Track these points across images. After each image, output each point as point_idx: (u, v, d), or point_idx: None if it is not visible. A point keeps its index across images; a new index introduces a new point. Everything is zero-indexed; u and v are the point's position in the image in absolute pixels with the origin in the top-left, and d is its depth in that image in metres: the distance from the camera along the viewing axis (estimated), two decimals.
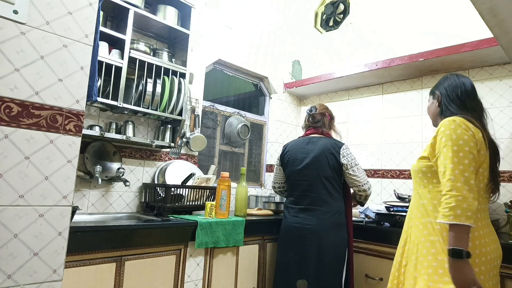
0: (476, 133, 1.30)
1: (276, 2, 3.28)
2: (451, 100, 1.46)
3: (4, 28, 0.96)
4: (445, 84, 1.52)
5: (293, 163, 2.06)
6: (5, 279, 0.92)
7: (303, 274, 1.90)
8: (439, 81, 1.58)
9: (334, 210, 1.94)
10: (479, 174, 1.30)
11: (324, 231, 1.90)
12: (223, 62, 2.82)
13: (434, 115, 1.55)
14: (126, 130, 2.03)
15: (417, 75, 2.66)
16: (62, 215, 1.04)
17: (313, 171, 1.98)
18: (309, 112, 2.16)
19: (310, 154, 2.01)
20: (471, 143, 1.26)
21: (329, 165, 1.96)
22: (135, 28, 2.16)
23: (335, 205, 1.95)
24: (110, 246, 1.50)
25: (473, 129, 1.30)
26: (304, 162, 2.01)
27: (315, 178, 1.97)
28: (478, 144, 1.28)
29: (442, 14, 2.40)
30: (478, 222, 1.30)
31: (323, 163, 1.97)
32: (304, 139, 2.11)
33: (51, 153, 1.02)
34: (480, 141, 1.29)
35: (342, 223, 1.96)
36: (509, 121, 2.22)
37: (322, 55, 3.20)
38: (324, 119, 2.13)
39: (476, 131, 1.30)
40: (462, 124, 1.30)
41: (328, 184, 1.96)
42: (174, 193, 2.05)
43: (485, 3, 1.28)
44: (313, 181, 1.97)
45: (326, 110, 2.17)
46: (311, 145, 2.04)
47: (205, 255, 1.88)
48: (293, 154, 2.08)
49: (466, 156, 1.25)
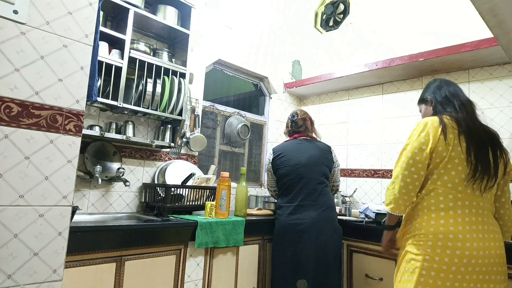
0: (433, 133, 1.37)
1: (276, 2, 3.28)
2: (444, 101, 1.53)
3: (4, 28, 0.96)
4: (432, 88, 1.62)
5: (288, 163, 2.12)
6: (5, 279, 0.92)
7: (302, 273, 1.90)
8: (425, 89, 1.68)
9: (327, 204, 2.05)
10: (449, 169, 1.35)
11: (321, 225, 1.98)
12: (223, 62, 2.82)
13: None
14: (126, 130, 2.03)
15: (417, 75, 2.66)
16: (62, 215, 1.04)
17: (309, 168, 2.07)
18: (291, 118, 2.27)
19: (305, 154, 2.11)
20: (414, 144, 1.39)
21: (324, 163, 2.11)
22: (135, 28, 2.16)
23: (328, 200, 2.07)
24: (110, 246, 1.50)
25: (432, 129, 1.37)
26: (299, 161, 2.09)
27: (312, 175, 2.07)
28: (430, 143, 1.36)
29: (442, 14, 2.40)
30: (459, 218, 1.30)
31: (319, 161, 2.10)
32: (294, 141, 2.21)
33: (51, 153, 1.02)
34: (436, 139, 1.36)
35: (335, 217, 2.09)
36: (509, 121, 2.22)
37: (322, 55, 3.20)
38: (307, 124, 2.26)
39: (435, 130, 1.37)
40: (421, 125, 1.41)
41: (323, 180, 2.09)
42: (174, 193, 2.05)
43: (485, 3, 1.27)
44: (309, 178, 2.06)
45: (306, 115, 2.30)
46: (304, 146, 2.15)
47: (205, 255, 1.88)
48: (287, 155, 2.14)
49: (406, 155, 1.40)
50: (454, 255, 1.26)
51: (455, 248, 1.27)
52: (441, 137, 1.35)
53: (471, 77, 2.42)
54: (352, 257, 2.23)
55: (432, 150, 1.36)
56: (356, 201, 2.85)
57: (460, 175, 1.34)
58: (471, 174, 1.34)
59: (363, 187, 2.87)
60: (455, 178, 1.34)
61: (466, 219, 1.31)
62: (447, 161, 1.34)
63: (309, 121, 2.27)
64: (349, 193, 2.79)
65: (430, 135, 1.36)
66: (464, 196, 1.33)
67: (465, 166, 1.34)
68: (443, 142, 1.35)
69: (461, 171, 1.34)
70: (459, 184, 1.34)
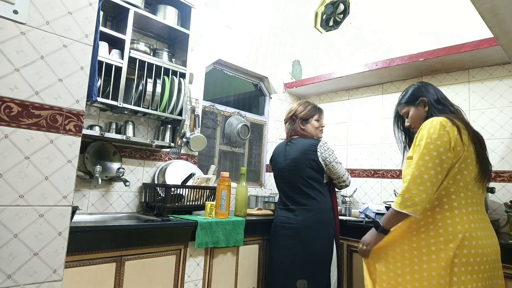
0: (451, 131, 1.35)
1: (276, 2, 3.28)
2: (438, 103, 1.52)
3: (4, 28, 0.96)
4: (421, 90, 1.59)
5: (275, 166, 2.13)
6: (5, 279, 0.92)
7: (291, 274, 1.90)
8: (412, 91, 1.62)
9: (317, 208, 1.94)
10: (463, 169, 1.35)
11: (307, 229, 1.91)
12: (223, 62, 2.82)
13: (420, 120, 1.55)
14: (126, 130, 2.03)
15: (417, 75, 2.66)
16: (62, 215, 1.04)
17: (292, 172, 2.01)
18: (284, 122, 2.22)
19: (289, 157, 2.04)
20: (438, 142, 1.34)
21: (307, 165, 1.96)
22: (135, 28, 2.16)
23: (319, 203, 1.95)
24: (110, 246, 1.50)
25: (449, 128, 1.36)
26: (284, 165, 2.06)
27: (295, 179, 1.99)
28: (452, 141, 1.34)
29: (442, 14, 2.40)
30: (470, 215, 1.33)
31: (301, 164, 1.98)
32: (284, 143, 2.16)
33: (51, 153, 1.02)
34: (454, 138, 1.34)
35: (327, 221, 1.96)
36: (509, 121, 2.22)
37: (322, 55, 3.20)
38: (295, 124, 2.10)
39: (452, 129, 1.36)
40: (438, 124, 1.37)
41: (309, 183, 1.97)
42: (174, 193, 2.05)
43: (485, 3, 1.28)
44: (295, 183, 1.99)
45: (292, 112, 2.13)
46: (289, 148, 2.07)
47: (205, 255, 1.88)
48: (276, 158, 2.14)
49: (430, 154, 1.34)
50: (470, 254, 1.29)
51: (471, 247, 1.29)
52: (458, 137, 1.35)
53: (471, 77, 2.42)
54: (352, 257, 2.23)
55: (453, 150, 1.35)
56: (356, 201, 2.85)
57: (471, 174, 1.36)
58: (480, 174, 1.37)
59: (363, 187, 2.87)
60: (467, 177, 1.36)
61: (476, 217, 1.35)
62: (461, 161, 1.35)
63: (295, 118, 2.10)
64: (349, 193, 2.79)
65: (450, 134, 1.35)
66: (472, 194, 1.37)
67: (475, 165, 1.37)
68: (461, 142, 1.35)
69: (471, 171, 1.36)
70: (469, 183, 1.36)
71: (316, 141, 2.02)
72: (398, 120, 1.75)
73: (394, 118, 1.76)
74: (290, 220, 1.97)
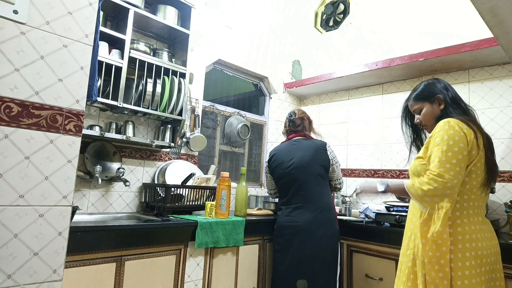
0: (468, 134, 1.33)
1: (276, 2, 3.28)
2: (454, 102, 1.49)
3: (4, 28, 0.96)
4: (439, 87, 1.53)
5: (280, 166, 2.12)
6: (5, 279, 0.92)
7: (300, 273, 1.91)
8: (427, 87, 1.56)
9: (323, 205, 2.01)
10: (472, 172, 1.33)
11: (316, 226, 1.96)
12: (223, 62, 2.82)
13: (433, 118, 1.52)
14: (126, 130, 2.03)
15: (417, 75, 2.66)
16: (62, 215, 1.04)
17: (302, 169, 2.04)
18: (289, 117, 2.25)
19: (298, 155, 2.07)
20: (461, 144, 1.30)
21: (319, 163, 2.06)
22: (135, 28, 2.16)
23: (324, 201, 2.03)
24: (110, 246, 1.50)
25: (466, 130, 1.33)
26: (292, 163, 2.07)
27: (306, 176, 2.03)
28: (469, 145, 1.31)
29: (442, 14, 2.40)
30: (471, 218, 1.33)
31: (313, 161, 2.05)
32: (288, 142, 2.19)
33: (51, 153, 1.02)
34: (471, 141, 1.32)
35: (332, 218, 2.04)
36: (509, 121, 2.22)
37: (322, 55, 3.20)
38: (304, 123, 2.22)
39: (469, 132, 1.33)
40: (456, 126, 1.34)
41: (319, 181, 2.04)
42: (174, 193, 2.05)
43: (485, 3, 1.28)
44: (303, 180, 2.03)
45: (304, 114, 2.27)
46: (296, 147, 2.12)
47: (205, 255, 1.88)
48: (280, 158, 2.14)
49: (454, 155, 1.29)
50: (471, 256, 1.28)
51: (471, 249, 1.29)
52: (474, 141, 1.33)
53: (471, 77, 2.42)
54: (352, 257, 2.23)
55: (469, 152, 1.33)
56: (356, 201, 2.85)
57: (477, 178, 1.34)
58: (486, 179, 1.35)
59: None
60: (473, 181, 1.34)
61: (476, 219, 1.34)
62: (472, 164, 1.33)
63: (307, 120, 2.25)
64: (349, 193, 2.79)
65: (467, 137, 1.32)
66: (475, 197, 1.35)
67: (483, 170, 1.35)
68: (476, 146, 1.33)
69: (479, 175, 1.35)
70: (475, 186, 1.35)
71: (324, 142, 2.16)
72: (407, 116, 1.69)
73: (402, 114, 1.71)
74: (296, 219, 1.99)
